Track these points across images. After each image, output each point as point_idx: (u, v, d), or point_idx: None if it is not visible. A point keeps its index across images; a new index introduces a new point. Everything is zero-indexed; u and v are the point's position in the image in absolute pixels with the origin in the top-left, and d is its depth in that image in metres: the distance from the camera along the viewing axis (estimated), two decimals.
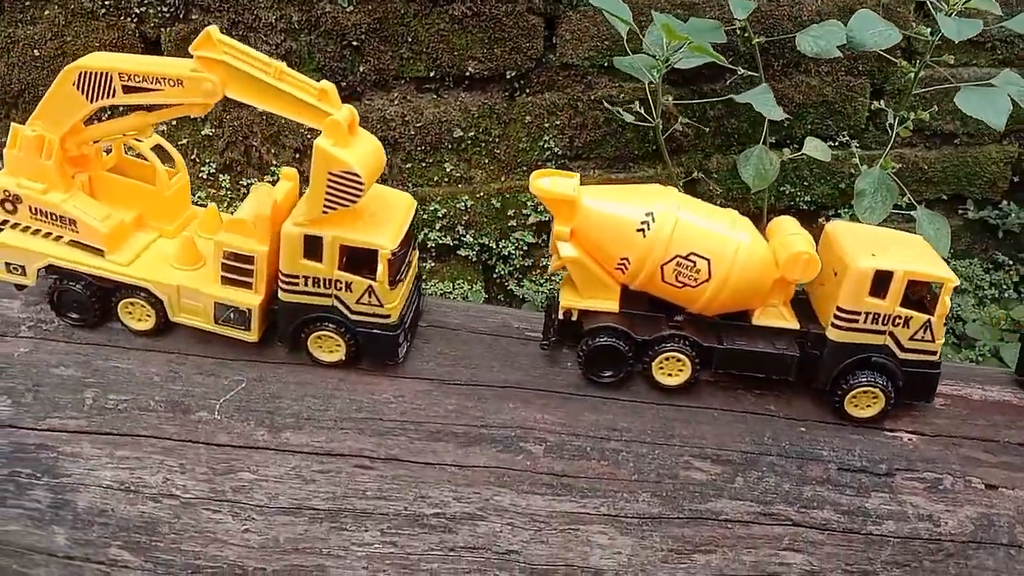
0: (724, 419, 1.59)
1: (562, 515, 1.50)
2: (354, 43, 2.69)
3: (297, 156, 2.82)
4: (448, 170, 2.88)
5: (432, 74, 2.76)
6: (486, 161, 2.90)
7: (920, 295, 1.54)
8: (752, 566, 1.49)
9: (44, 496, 1.48)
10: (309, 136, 2.77)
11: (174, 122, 2.65)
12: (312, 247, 1.47)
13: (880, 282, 1.49)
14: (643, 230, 1.51)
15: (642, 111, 2.59)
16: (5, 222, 1.55)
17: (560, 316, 1.61)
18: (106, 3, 2.56)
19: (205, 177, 2.72)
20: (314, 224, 1.46)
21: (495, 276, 3.02)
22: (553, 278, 3.05)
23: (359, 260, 1.51)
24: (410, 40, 2.71)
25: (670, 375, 1.59)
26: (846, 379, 1.55)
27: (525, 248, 2.98)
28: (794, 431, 1.58)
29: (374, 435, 1.53)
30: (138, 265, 1.55)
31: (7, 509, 1.48)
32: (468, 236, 2.91)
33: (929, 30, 2.36)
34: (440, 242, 2.87)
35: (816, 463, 1.54)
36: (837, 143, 2.95)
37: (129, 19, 2.60)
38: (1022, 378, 1.71)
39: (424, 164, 2.87)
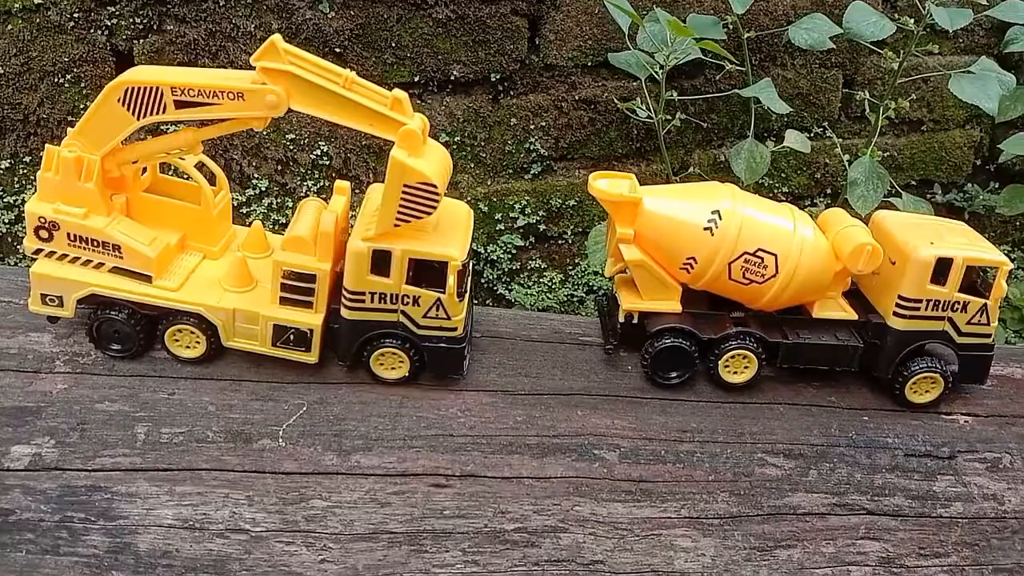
0: (790, 414, 1.60)
1: (643, 521, 1.47)
2: (337, 50, 2.60)
3: (279, 168, 2.72)
4: None
5: (416, 79, 2.69)
6: (472, 165, 2.85)
7: (971, 279, 1.58)
8: (832, 558, 1.49)
9: (101, 541, 1.38)
10: (292, 148, 2.68)
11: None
12: (380, 262, 1.41)
13: (940, 269, 1.51)
14: (710, 228, 1.50)
15: (641, 108, 2.59)
16: (39, 251, 1.44)
17: (621, 319, 1.59)
18: (75, 16, 2.42)
19: None
20: (383, 238, 1.40)
21: (483, 281, 2.97)
22: (541, 280, 3.03)
23: (424, 273, 1.45)
24: (393, 45, 2.64)
25: (735, 373, 1.59)
26: (907, 366, 1.58)
27: (513, 252, 2.94)
28: (858, 421, 1.60)
29: (447, 452, 1.48)
30: (189, 290, 1.45)
31: (61, 558, 1.37)
32: None
33: (912, 20, 2.43)
34: None
35: (883, 451, 1.56)
36: (812, 134, 3.00)
37: (99, 32, 2.45)
38: None
39: None
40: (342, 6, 2.58)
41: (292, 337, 1.47)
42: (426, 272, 1.45)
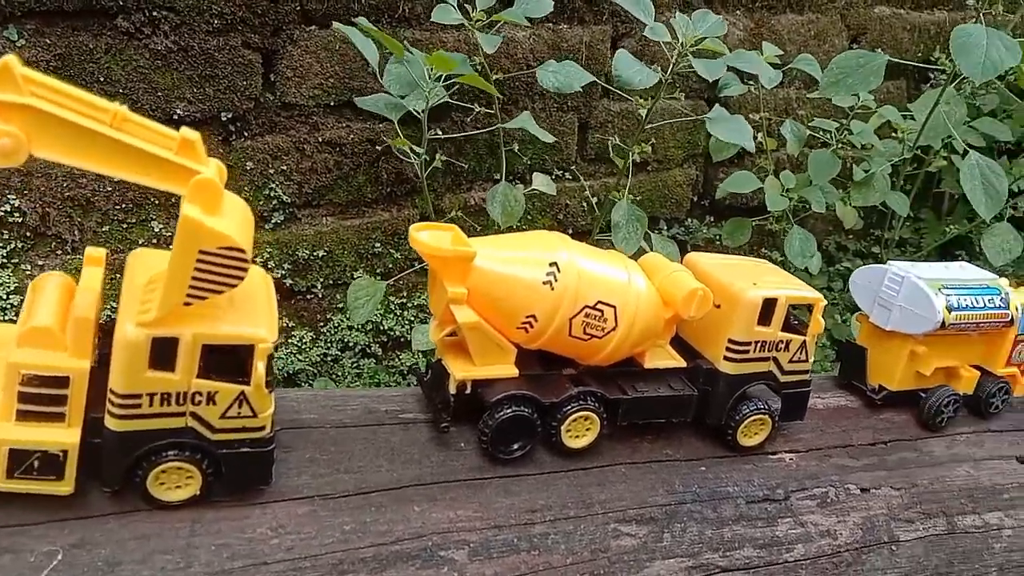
0: (633, 474, 1.44)
1: None
2: None
3: None
4: (156, 229, 2.39)
5: None
6: None
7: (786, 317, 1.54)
8: None
9: None
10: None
11: None
12: (163, 352, 1.05)
13: (766, 310, 1.45)
14: (550, 282, 1.31)
15: (415, 148, 2.36)
16: None
17: (453, 390, 1.34)
18: None
19: None
20: (166, 322, 1.04)
21: None
22: (289, 340, 2.68)
23: (220, 361, 1.11)
24: (102, 80, 2.19)
25: (578, 436, 1.40)
26: (738, 410, 1.50)
27: None
28: (697, 473, 1.49)
29: None
30: None
31: None
32: None
33: (662, 70, 2.46)
34: None
35: (727, 501, 1.46)
36: (554, 176, 2.97)
37: None
38: (845, 382, 1.80)
39: (126, 225, 2.34)
40: (35, 33, 2.08)
41: (37, 463, 1.04)
42: (223, 360, 1.10)
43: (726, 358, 1.46)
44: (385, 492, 1.28)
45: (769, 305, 1.44)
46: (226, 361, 1.10)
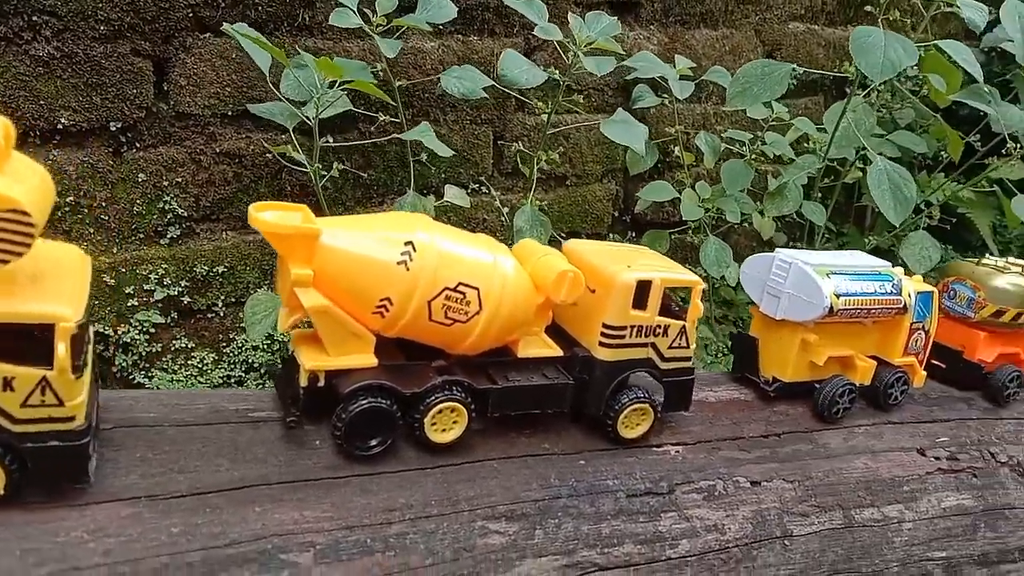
0: (506, 469, 1.35)
1: None
2: None
3: None
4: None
5: None
6: (91, 231, 2.33)
7: (664, 303, 1.46)
8: None
9: None
10: None
11: None
12: None
13: (640, 293, 1.38)
14: (404, 262, 1.22)
15: (297, 154, 2.27)
16: None
17: (304, 383, 1.24)
18: None
19: None
20: None
21: (115, 370, 2.43)
22: (189, 362, 2.55)
23: (17, 344, 1.00)
24: None
25: (444, 430, 1.31)
26: (617, 399, 1.41)
27: (151, 331, 2.44)
28: (576, 466, 1.39)
29: None
30: None
31: None
32: None
33: (559, 71, 2.42)
34: None
35: (606, 495, 1.37)
36: (469, 190, 2.90)
37: None
38: (739, 375, 1.73)
39: None
40: None
41: None
42: (21, 342, 0.99)
43: (601, 343, 1.38)
44: (223, 493, 1.17)
45: (644, 288, 1.37)
46: (26, 344, 0.99)
